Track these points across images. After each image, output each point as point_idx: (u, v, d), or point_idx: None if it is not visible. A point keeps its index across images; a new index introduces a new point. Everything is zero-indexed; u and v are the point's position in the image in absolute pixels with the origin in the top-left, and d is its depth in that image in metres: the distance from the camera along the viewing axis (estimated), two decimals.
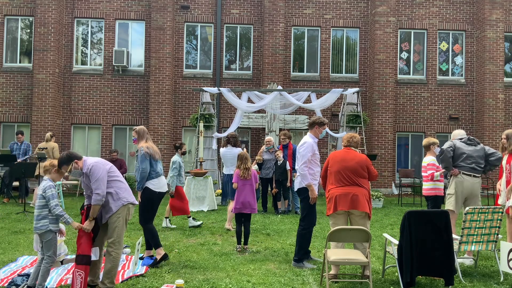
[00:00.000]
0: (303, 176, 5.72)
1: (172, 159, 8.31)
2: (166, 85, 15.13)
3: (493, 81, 15.32)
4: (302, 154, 5.75)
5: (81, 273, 4.44)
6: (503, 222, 6.17)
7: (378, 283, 5.19)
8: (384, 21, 15.28)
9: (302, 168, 5.71)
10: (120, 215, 4.66)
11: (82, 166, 4.64)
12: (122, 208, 4.68)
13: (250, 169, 6.79)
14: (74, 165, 4.61)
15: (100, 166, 4.61)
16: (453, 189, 6.39)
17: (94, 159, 4.70)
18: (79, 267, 4.45)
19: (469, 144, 6.39)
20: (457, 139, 6.53)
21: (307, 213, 5.78)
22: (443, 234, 4.91)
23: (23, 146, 12.20)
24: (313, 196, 5.71)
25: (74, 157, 4.62)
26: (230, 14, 15.68)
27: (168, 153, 15.17)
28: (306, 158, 5.71)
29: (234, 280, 5.15)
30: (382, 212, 10.90)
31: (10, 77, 15.18)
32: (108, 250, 4.63)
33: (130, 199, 4.78)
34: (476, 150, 6.34)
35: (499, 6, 15.40)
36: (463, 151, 6.35)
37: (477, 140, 6.51)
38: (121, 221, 4.67)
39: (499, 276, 5.45)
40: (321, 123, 5.96)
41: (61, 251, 5.61)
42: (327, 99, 12.85)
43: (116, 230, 4.64)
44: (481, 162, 6.34)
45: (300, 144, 5.89)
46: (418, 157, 15.89)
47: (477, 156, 6.33)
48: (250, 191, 6.72)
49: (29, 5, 15.23)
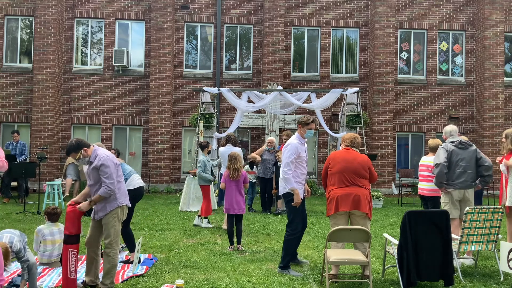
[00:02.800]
0: (286, 180, 5.50)
1: (198, 158, 8.59)
2: (166, 85, 15.13)
3: (493, 81, 15.31)
4: (286, 157, 5.51)
5: (75, 252, 4.51)
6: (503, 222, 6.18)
7: (378, 283, 5.19)
8: (384, 21, 15.28)
9: (285, 171, 5.49)
10: (115, 215, 4.67)
11: (91, 154, 4.64)
12: (116, 209, 4.68)
13: (240, 170, 6.82)
14: (82, 153, 4.62)
15: (111, 163, 4.61)
16: (446, 198, 6.36)
17: (106, 152, 4.69)
18: (71, 247, 4.50)
19: (461, 148, 6.33)
20: (449, 142, 6.44)
21: (293, 217, 5.57)
22: (443, 234, 4.91)
23: (19, 146, 12.23)
24: (297, 200, 5.48)
25: (83, 145, 4.64)
26: (230, 14, 15.68)
27: (168, 153, 15.17)
28: (290, 160, 5.48)
29: (234, 280, 5.15)
30: (382, 212, 10.90)
31: (10, 77, 15.18)
32: (106, 251, 4.63)
33: (125, 202, 4.78)
34: (469, 152, 6.30)
35: (499, 6, 15.40)
36: (457, 157, 6.27)
37: (468, 142, 6.43)
38: (117, 221, 4.68)
39: (499, 276, 5.45)
40: (304, 122, 5.65)
41: (60, 252, 5.62)
42: (327, 99, 12.85)
43: (112, 231, 4.64)
44: (472, 166, 6.26)
45: (284, 145, 5.60)
46: (418, 157, 15.88)
47: (470, 158, 6.27)
48: (238, 191, 6.79)
49: (29, 5, 15.23)
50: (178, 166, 15.51)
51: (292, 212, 5.60)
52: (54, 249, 5.69)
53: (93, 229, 4.77)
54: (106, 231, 4.65)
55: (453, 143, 6.37)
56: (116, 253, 4.65)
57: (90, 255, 4.78)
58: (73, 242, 4.54)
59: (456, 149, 6.31)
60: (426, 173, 6.95)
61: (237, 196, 6.77)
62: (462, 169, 6.21)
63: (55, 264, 5.71)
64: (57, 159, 15.08)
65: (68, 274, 4.49)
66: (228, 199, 6.78)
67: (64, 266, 4.52)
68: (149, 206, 11.32)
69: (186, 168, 15.42)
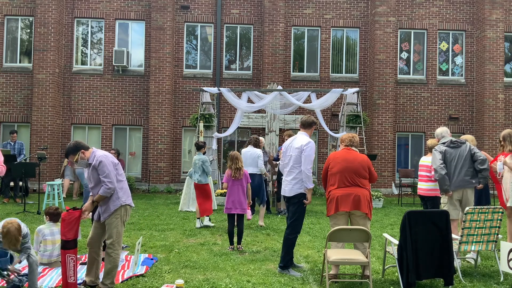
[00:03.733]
0: (309, 178, 5.48)
1: (194, 157, 8.85)
2: (166, 85, 15.13)
3: (493, 81, 15.32)
4: (307, 155, 5.43)
5: (73, 256, 4.51)
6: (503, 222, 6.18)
7: (378, 283, 5.19)
8: (384, 21, 15.28)
9: (309, 169, 5.47)
10: (118, 216, 4.67)
11: (89, 156, 4.65)
12: (120, 209, 4.67)
13: (241, 169, 6.87)
14: (80, 155, 4.62)
15: (109, 162, 4.61)
16: (445, 198, 6.36)
17: (103, 152, 4.70)
18: (69, 252, 4.50)
19: (453, 147, 6.34)
20: (441, 144, 6.45)
21: (297, 217, 5.55)
22: (443, 234, 4.91)
23: (17, 146, 12.25)
24: (311, 199, 5.56)
25: (81, 147, 4.64)
26: (230, 14, 15.68)
27: (168, 153, 15.17)
28: (312, 158, 5.48)
29: (234, 280, 5.15)
30: (382, 212, 10.90)
31: (10, 77, 15.18)
32: (108, 251, 4.63)
33: (128, 201, 4.77)
34: (462, 150, 6.31)
35: (499, 6, 15.40)
36: (450, 156, 6.27)
37: (460, 140, 6.44)
38: (119, 222, 4.67)
39: (499, 276, 5.46)
40: (314, 122, 5.77)
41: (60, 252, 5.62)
42: (327, 99, 12.84)
43: (115, 231, 4.64)
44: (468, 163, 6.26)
45: (302, 143, 5.49)
46: (418, 157, 15.88)
47: (463, 155, 6.27)
48: (241, 191, 6.81)
49: (29, 5, 15.23)
50: (178, 166, 15.51)
51: (298, 212, 5.56)
52: (54, 249, 5.69)
53: (95, 230, 4.77)
54: (108, 231, 4.65)
55: (444, 144, 6.40)
56: (118, 254, 4.66)
57: (92, 255, 4.78)
58: (70, 248, 4.51)
59: (448, 149, 6.34)
60: (425, 173, 6.96)
61: (240, 196, 6.78)
62: (459, 168, 6.23)
63: (55, 264, 5.71)
64: (57, 159, 15.08)
65: (68, 278, 4.49)
66: (231, 198, 6.77)
67: (63, 272, 4.51)
68: (149, 206, 11.32)
69: (186, 168, 15.42)
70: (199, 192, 8.54)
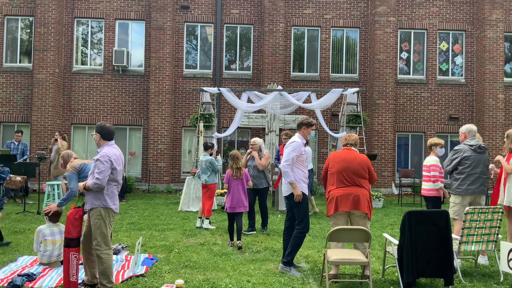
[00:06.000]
0: (285, 173, 5.46)
1: (200, 158, 8.87)
2: (166, 85, 15.13)
3: (493, 81, 15.32)
4: (287, 152, 5.49)
5: (76, 255, 4.54)
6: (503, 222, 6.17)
7: (378, 283, 5.19)
8: (384, 21, 15.28)
9: (284, 165, 5.46)
10: (100, 217, 4.61)
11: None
12: (98, 209, 4.61)
13: (242, 169, 6.98)
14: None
15: (108, 161, 4.58)
16: (457, 199, 6.31)
17: (112, 152, 4.68)
18: (73, 250, 4.55)
19: (480, 153, 6.25)
20: (468, 146, 6.30)
21: (302, 218, 5.53)
22: (443, 234, 4.91)
23: (21, 146, 12.16)
24: (298, 193, 5.41)
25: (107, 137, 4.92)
26: (230, 14, 15.68)
27: (168, 153, 15.17)
28: (291, 157, 5.46)
29: (234, 280, 5.15)
30: (382, 212, 10.90)
31: (10, 77, 15.18)
32: (96, 253, 4.61)
33: (110, 205, 4.66)
34: (485, 158, 6.27)
35: (499, 6, 15.40)
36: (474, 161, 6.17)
37: (485, 146, 6.36)
38: (103, 223, 4.61)
39: (499, 276, 5.46)
40: (309, 123, 5.73)
41: (61, 252, 5.62)
42: (327, 99, 12.85)
43: (99, 232, 4.60)
44: (486, 171, 6.24)
45: (288, 142, 5.65)
46: (418, 157, 15.90)
47: (485, 163, 6.25)
48: (243, 190, 6.96)
49: (29, 5, 15.23)
50: (178, 166, 15.51)
51: (301, 212, 5.53)
52: (54, 249, 5.69)
53: (87, 228, 4.79)
54: (93, 232, 4.64)
55: (472, 147, 6.25)
56: (107, 253, 4.61)
57: (84, 253, 4.83)
58: (74, 246, 4.55)
59: (476, 154, 6.21)
60: (426, 173, 6.98)
61: (241, 195, 6.93)
62: (479, 174, 6.16)
63: (55, 264, 5.71)
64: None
65: (70, 277, 4.49)
66: (233, 198, 6.87)
67: (65, 270, 4.51)
68: (149, 206, 11.32)
69: (186, 168, 15.42)
70: (205, 191, 8.53)
